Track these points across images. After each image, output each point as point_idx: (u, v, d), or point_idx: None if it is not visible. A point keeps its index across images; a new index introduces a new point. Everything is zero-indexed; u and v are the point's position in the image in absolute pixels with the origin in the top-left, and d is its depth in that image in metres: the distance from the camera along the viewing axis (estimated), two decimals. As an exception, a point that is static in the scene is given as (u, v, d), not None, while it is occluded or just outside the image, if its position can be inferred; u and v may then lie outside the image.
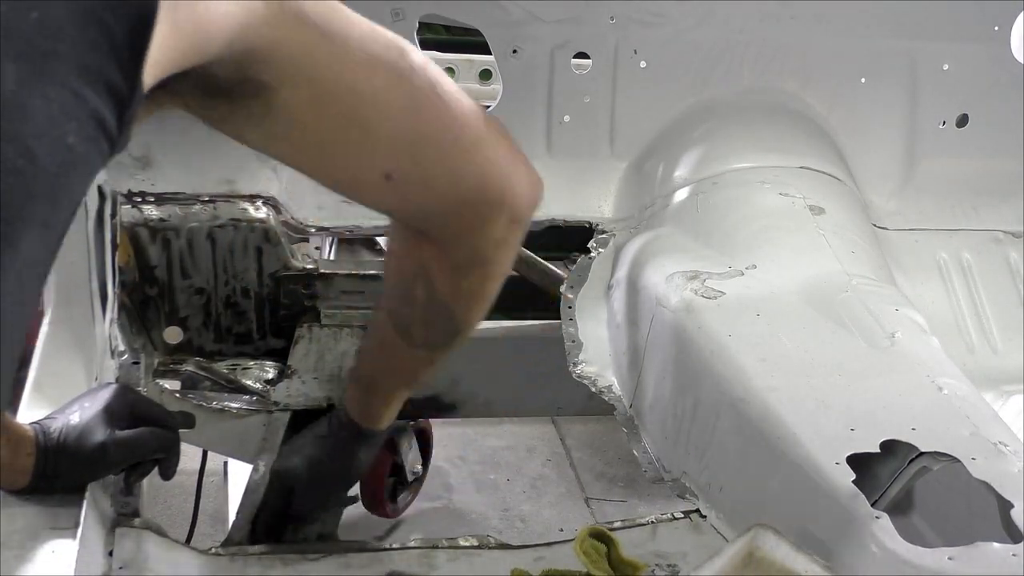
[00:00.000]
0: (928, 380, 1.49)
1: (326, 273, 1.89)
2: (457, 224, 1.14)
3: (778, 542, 1.09)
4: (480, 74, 3.45)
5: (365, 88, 0.98)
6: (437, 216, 1.13)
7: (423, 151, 1.05)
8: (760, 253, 1.82)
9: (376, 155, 1.03)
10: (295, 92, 0.94)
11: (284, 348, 1.90)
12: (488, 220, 1.12)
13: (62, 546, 1.19)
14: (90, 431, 1.28)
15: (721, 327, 1.62)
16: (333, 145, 1.01)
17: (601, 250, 2.03)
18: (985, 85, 2.16)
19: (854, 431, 1.36)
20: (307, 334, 1.87)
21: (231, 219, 1.81)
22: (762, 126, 2.10)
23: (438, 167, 1.07)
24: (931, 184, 2.21)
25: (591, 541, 1.35)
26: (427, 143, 1.04)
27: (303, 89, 0.94)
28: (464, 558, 1.41)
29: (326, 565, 1.37)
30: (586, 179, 2.10)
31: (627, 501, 3.09)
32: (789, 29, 2.06)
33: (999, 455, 1.32)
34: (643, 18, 2.01)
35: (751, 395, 1.47)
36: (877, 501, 1.29)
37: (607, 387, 1.88)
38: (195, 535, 2.01)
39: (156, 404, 1.44)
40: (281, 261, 1.85)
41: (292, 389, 1.85)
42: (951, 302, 2.09)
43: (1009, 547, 1.18)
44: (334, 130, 0.99)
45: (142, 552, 1.31)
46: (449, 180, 1.08)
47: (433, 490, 3.02)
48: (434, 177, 1.07)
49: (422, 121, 1.03)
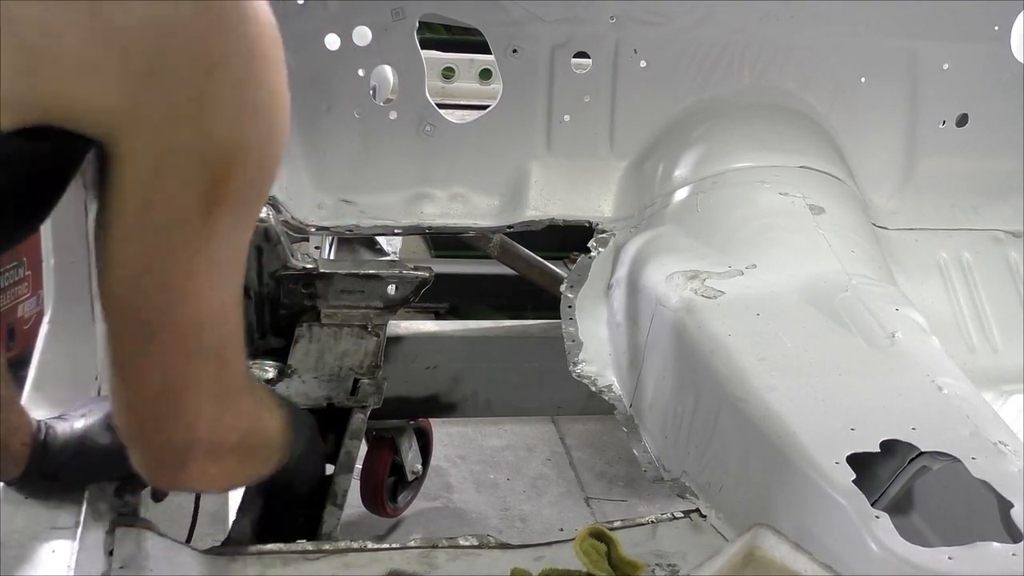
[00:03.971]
0: (928, 380, 1.49)
1: (326, 273, 1.89)
2: None
3: (778, 542, 1.09)
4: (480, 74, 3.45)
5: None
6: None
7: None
8: (760, 252, 1.82)
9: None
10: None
11: (284, 348, 1.90)
12: None
13: (62, 546, 1.19)
14: (93, 436, 1.29)
15: (721, 326, 1.62)
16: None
17: (601, 249, 2.03)
18: (985, 85, 2.16)
19: (854, 430, 1.36)
20: (307, 333, 1.87)
21: (231, 219, 1.81)
22: (762, 126, 2.10)
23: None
24: (931, 184, 2.21)
25: (591, 541, 1.35)
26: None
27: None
28: (464, 558, 1.41)
29: (326, 565, 1.37)
30: (586, 179, 2.10)
31: (627, 501, 3.09)
32: (789, 29, 2.06)
33: (999, 454, 1.32)
34: (643, 18, 2.01)
35: (751, 394, 1.47)
36: (877, 500, 1.29)
37: (607, 386, 1.88)
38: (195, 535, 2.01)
39: None
40: (281, 260, 1.85)
41: (292, 389, 1.85)
42: (951, 302, 2.09)
43: (1009, 547, 1.18)
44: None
45: (142, 552, 1.31)
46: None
47: (433, 490, 3.02)
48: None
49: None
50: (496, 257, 2.46)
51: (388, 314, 1.88)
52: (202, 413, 1.09)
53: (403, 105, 2.01)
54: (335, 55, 1.95)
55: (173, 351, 1.03)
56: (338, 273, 1.89)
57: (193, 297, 1.01)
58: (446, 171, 2.06)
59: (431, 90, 2.03)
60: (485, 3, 1.95)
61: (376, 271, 1.90)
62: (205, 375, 1.07)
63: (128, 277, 0.99)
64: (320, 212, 2.00)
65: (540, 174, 2.08)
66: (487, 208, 2.09)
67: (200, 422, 1.09)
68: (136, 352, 1.04)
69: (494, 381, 2.19)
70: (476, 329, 2.34)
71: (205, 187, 0.94)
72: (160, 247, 0.97)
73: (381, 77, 2.06)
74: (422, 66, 1.99)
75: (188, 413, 1.08)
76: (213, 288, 1.02)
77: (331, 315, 1.89)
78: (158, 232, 0.96)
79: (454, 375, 2.18)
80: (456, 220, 2.08)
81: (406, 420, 2.54)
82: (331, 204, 1.99)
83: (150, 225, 0.95)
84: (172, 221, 0.95)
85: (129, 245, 0.97)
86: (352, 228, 2.00)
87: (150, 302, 1.00)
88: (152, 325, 1.01)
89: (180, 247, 0.97)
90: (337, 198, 2.02)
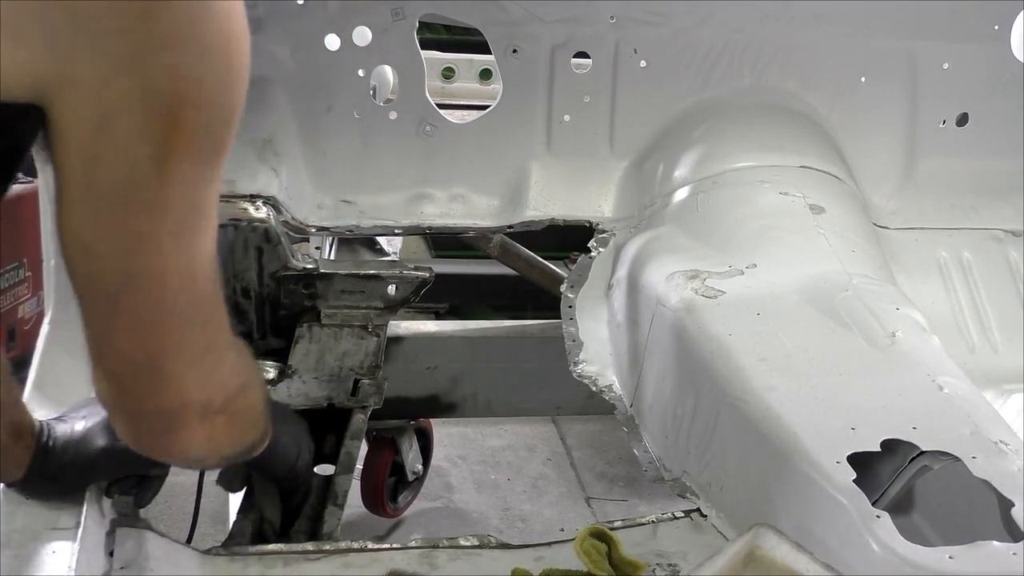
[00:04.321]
0: (928, 379, 1.50)
1: (326, 273, 1.89)
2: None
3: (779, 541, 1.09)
4: (480, 74, 3.46)
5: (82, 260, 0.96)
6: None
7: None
8: (760, 252, 1.82)
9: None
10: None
11: (284, 348, 1.90)
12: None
13: (62, 546, 1.19)
14: (92, 436, 1.29)
15: (721, 326, 1.62)
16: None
17: (601, 249, 2.03)
18: (985, 85, 2.16)
19: (855, 430, 1.36)
20: (307, 334, 1.87)
21: (231, 219, 1.81)
22: (762, 126, 2.10)
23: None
24: (931, 183, 2.21)
25: (592, 541, 1.35)
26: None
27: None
28: (464, 558, 1.41)
29: (326, 565, 1.37)
30: (586, 179, 2.10)
31: (628, 500, 3.09)
32: (789, 29, 2.06)
33: (1000, 454, 1.32)
34: (643, 18, 2.01)
35: (751, 394, 1.47)
36: (878, 500, 1.29)
37: (607, 386, 1.88)
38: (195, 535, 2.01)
39: None
40: (281, 261, 1.85)
41: (292, 389, 1.85)
42: (951, 301, 2.09)
43: (1009, 546, 1.18)
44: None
45: (142, 552, 1.31)
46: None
47: (433, 490, 3.02)
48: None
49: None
50: (496, 257, 2.46)
51: (388, 314, 1.88)
52: (187, 376, 1.03)
53: (403, 105, 2.01)
54: (335, 55, 1.95)
55: (143, 319, 0.98)
56: (338, 273, 1.89)
57: (156, 258, 0.95)
58: (446, 171, 2.06)
59: (431, 90, 2.03)
60: (485, 3, 1.95)
61: (376, 271, 1.90)
62: (184, 339, 1.01)
63: (84, 244, 0.93)
64: (320, 212, 2.00)
65: (540, 174, 2.08)
66: (487, 208, 2.09)
67: (187, 385, 1.04)
68: (105, 323, 0.99)
69: (494, 381, 2.19)
70: (476, 329, 2.34)
71: (154, 139, 0.87)
72: (113, 208, 0.90)
73: (381, 77, 2.06)
74: (422, 66, 1.99)
75: (172, 378, 1.03)
76: (178, 247, 0.96)
77: (331, 315, 1.89)
78: (109, 192, 0.89)
79: (454, 375, 2.18)
80: (456, 220, 2.08)
81: (406, 420, 2.54)
82: (331, 204, 1.99)
83: (99, 186, 0.89)
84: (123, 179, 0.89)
85: (80, 209, 0.90)
86: (352, 228, 2.00)
87: (110, 268, 0.94)
88: (116, 294, 0.96)
89: (135, 206, 0.91)
90: (337, 198, 2.02)
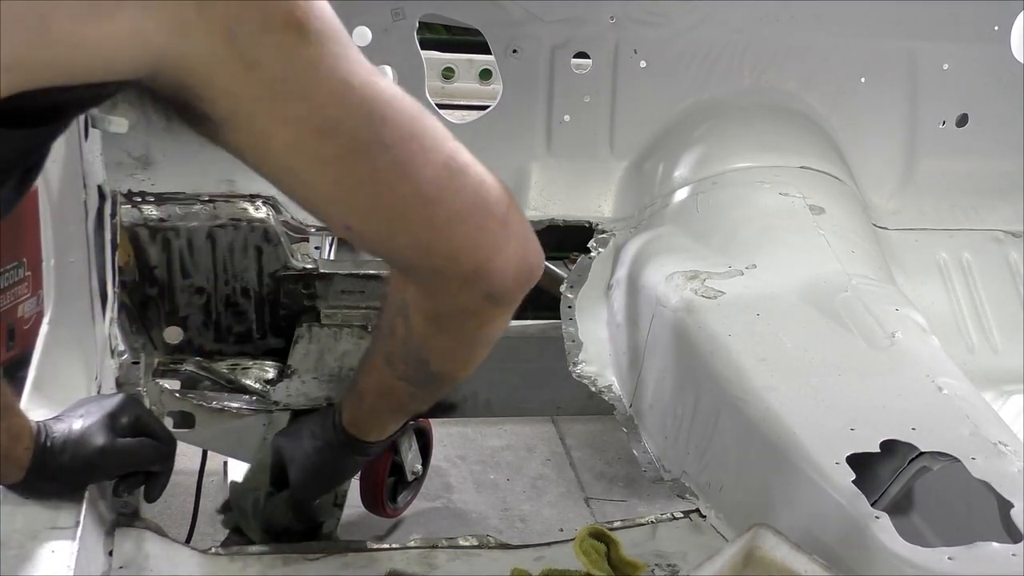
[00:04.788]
0: (928, 380, 1.50)
1: (326, 273, 1.89)
2: (426, 283, 1.12)
3: (778, 542, 1.09)
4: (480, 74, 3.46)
5: (310, 153, 0.94)
6: (409, 270, 1.12)
7: (384, 219, 1.02)
8: (760, 253, 1.82)
9: (329, 207, 1.02)
10: (235, 135, 0.91)
11: (284, 348, 1.90)
12: (459, 290, 1.08)
13: (62, 546, 1.19)
14: (91, 435, 1.29)
15: (721, 327, 1.62)
16: (283, 187, 1.00)
17: (601, 250, 2.03)
18: (985, 85, 2.17)
19: (854, 431, 1.36)
20: (307, 334, 1.87)
21: (231, 219, 1.81)
22: (762, 126, 2.10)
23: (402, 234, 1.04)
24: (931, 184, 2.21)
25: (591, 541, 1.35)
26: (389, 212, 1.01)
27: (244, 135, 0.92)
28: (464, 558, 1.41)
29: (326, 565, 1.37)
30: (586, 179, 2.10)
31: (627, 501, 3.08)
32: (789, 29, 2.06)
33: (999, 455, 1.32)
34: (643, 18, 2.01)
35: (751, 395, 1.47)
36: (877, 501, 1.29)
37: (607, 387, 1.88)
38: (195, 535, 2.01)
39: (159, 421, 1.45)
40: (281, 261, 1.85)
41: (292, 389, 1.85)
42: (951, 302, 2.09)
43: (1009, 547, 1.18)
44: (280, 177, 0.98)
45: (142, 552, 1.31)
46: (414, 247, 1.05)
47: (433, 490, 3.02)
48: (396, 240, 1.05)
49: (383, 192, 0.99)
50: (496, 257, 2.45)
51: (388, 314, 1.88)
52: (472, 174, 1.02)
53: (403, 105, 2.01)
54: (335, 55, 1.94)
55: (396, 162, 0.97)
56: (338, 273, 1.89)
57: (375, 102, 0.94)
58: (446, 171, 2.06)
59: (431, 90, 2.03)
60: (485, 3, 1.95)
61: (376, 271, 1.90)
62: (425, 161, 0.99)
63: (321, 160, 0.94)
64: (320, 212, 2.00)
65: (540, 174, 2.08)
66: (487, 208, 2.09)
67: (481, 182, 1.03)
68: (385, 225, 1.01)
69: (494, 381, 2.19)
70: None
71: (286, 33, 0.86)
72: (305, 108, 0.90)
73: (381, 77, 2.06)
74: (422, 66, 1.99)
75: (469, 182, 1.02)
76: (362, 77, 0.93)
77: (331, 315, 1.89)
78: (289, 92, 0.88)
79: (454, 375, 2.18)
80: (456, 220, 2.08)
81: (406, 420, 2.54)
82: (331, 204, 1.99)
83: (284, 101, 0.89)
84: (291, 75, 0.88)
85: (290, 130, 0.91)
86: (352, 228, 2.00)
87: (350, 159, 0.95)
88: (373, 178, 0.96)
89: (315, 89, 0.90)
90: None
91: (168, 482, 1.40)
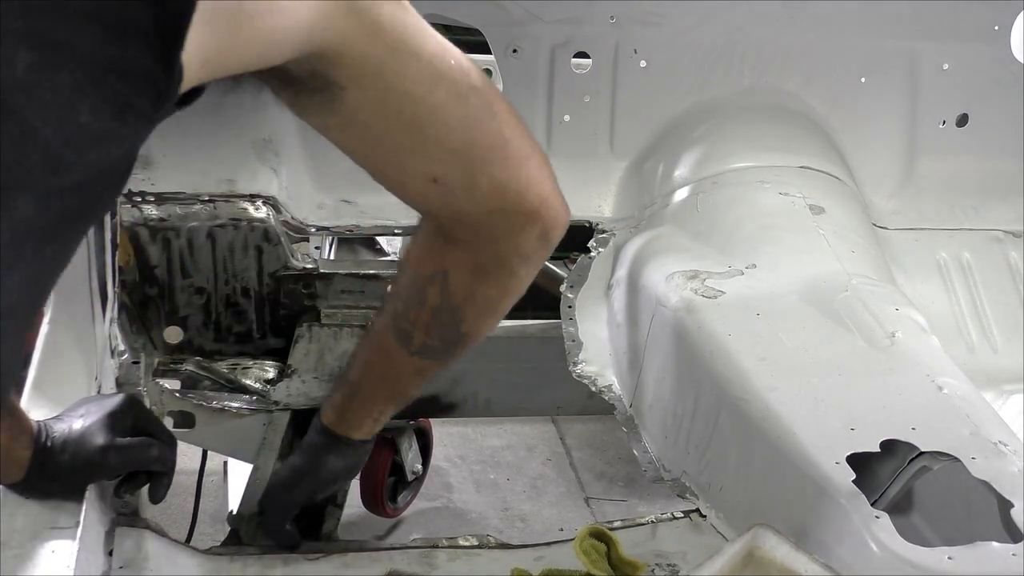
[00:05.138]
0: (928, 379, 1.50)
1: (326, 273, 1.89)
2: (490, 229, 1.20)
3: (778, 542, 1.09)
4: (480, 74, 3.45)
5: (427, 100, 1.07)
6: (473, 219, 1.19)
7: (472, 161, 1.13)
8: (760, 253, 1.82)
9: (427, 160, 1.12)
10: (361, 93, 1.03)
11: (284, 348, 1.90)
12: (521, 230, 1.20)
13: (62, 546, 1.19)
14: (91, 435, 1.29)
15: (721, 327, 1.62)
16: (388, 145, 1.10)
17: (601, 250, 2.03)
18: (985, 85, 2.17)
19: (854, 430, 1.36)
20: (307, 334, 1.87)
21: (231, 219, 1.81)
22: (762, 126, 2.10)
23: (483, 176, 1.14)
24: (931, 184, 2.21)
25: (591, 541, 1.35)
26: (477, 154, 1.13)
27: (369, 92, 1.03)
28: (464, 558, 1.41)
29: (326, 565, 1.37)
30: (586, 179, 2.10)
31: (627, 501, 3.08)
32: (789, 29, 2.06)
33: (999, 454, 1.32)
34: (643, 18, 2.01)
35: (751, 395, 1.47)
36: (877, 500, 1.29)
37: (607, 386, 1.88)
38: (195, 535, 2.01)
39: (159, 421, 1.45)
40: (281, 261, 1.85)
41: (292, 389, 1.85)
42: (951, 302, 2.09)
43: (1009, 547, 1.18)
44: (392, 132, 1.08)
45: (142, 552, 1.31)
46: (492, 188, 1.15)
47: (433, 490, 3.02)
48: (478, 185, 1.14)
49: (475, 135, 1.11)
50: (496, 257, 2.45)
51: (388, 314, 1.88)
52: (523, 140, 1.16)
53: (403, 105, 2.01)
54: (335, 55, 1.94)
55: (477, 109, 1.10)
56: (338, 273, 1.89)
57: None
58: (446, 171, 2.06)
59: (431, 90, 2.03)
60: (485, 3, 1.95)
61: (376, 271, 1.90)
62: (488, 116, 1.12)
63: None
64: (320, 212, 2.00)
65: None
66: (487, 208, 2.09)
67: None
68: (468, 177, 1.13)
69: (494, 381, 2.18)
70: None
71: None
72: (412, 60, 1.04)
73: (381, 77, 2.06)
74: (422, 66, 1.99)
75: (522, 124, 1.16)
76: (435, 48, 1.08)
77: (331, 315, 1.89)
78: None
79: (454, 375, 2.18)
80: (456, 220, 2.08)
81: (406, 420, 2.54)
82: (331, 204, 1.99)
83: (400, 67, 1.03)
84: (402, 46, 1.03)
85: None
86: (352, 228, 2.00)
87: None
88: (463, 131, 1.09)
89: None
90: (337, 198, 2.02)
91: (171, 482, 1.40)
